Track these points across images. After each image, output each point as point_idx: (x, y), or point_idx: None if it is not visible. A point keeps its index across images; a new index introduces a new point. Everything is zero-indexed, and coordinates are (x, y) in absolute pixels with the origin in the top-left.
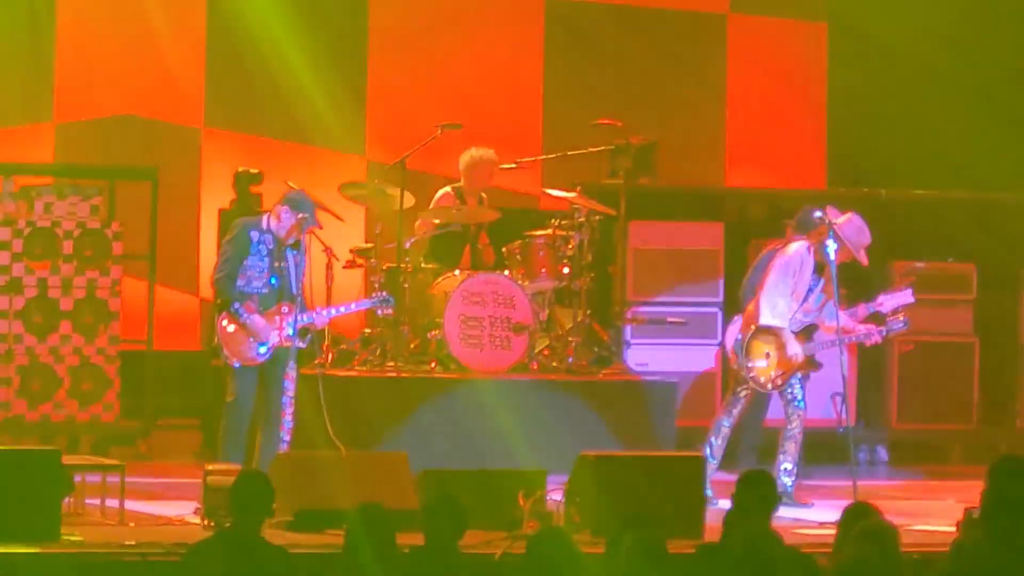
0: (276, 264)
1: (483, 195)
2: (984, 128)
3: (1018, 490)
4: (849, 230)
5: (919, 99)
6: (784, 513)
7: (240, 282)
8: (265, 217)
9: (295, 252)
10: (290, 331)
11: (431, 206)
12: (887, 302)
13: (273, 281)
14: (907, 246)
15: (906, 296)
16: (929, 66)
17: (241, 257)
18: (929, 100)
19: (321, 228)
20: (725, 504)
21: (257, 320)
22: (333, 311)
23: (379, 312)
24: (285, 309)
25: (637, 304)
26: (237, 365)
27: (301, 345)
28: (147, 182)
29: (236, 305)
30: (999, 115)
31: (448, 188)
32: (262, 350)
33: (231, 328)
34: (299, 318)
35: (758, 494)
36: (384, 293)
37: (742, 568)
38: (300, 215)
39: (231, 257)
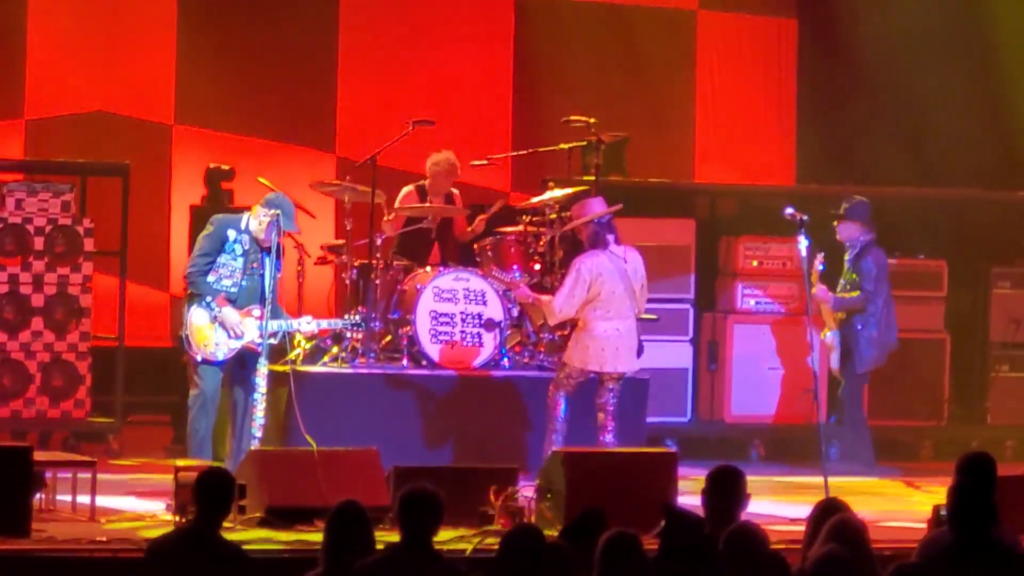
0: (250, 265)
1: (454, 191)
2: (954, 125)
3: (986, 487)
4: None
5: (889, 95)
6: None
7: (211, 278)
8: (245, 217)
9: (270, 256)
10: (258, 337)
11: (396, 205)
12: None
13: (244, 283)
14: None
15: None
16: (898, 62)
17: (215, 253)
18: (899, 96)
19: (300, 233)
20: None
21: (229, 314)
22: (305, 325)
23: (347, 334)
24: (257, 312)
25: None
26: (202, 360)
27: (272, 341)
28: (118, 178)
29: (207, 299)
30: (970, 112)
31: (411, 187)
32: (233, 345)
33: (200, 322)
34: (269, 324)
35: (730, 489)
36: (357, 316)
37: (718, 563)
38: (272, 211)
39: (206, 252)
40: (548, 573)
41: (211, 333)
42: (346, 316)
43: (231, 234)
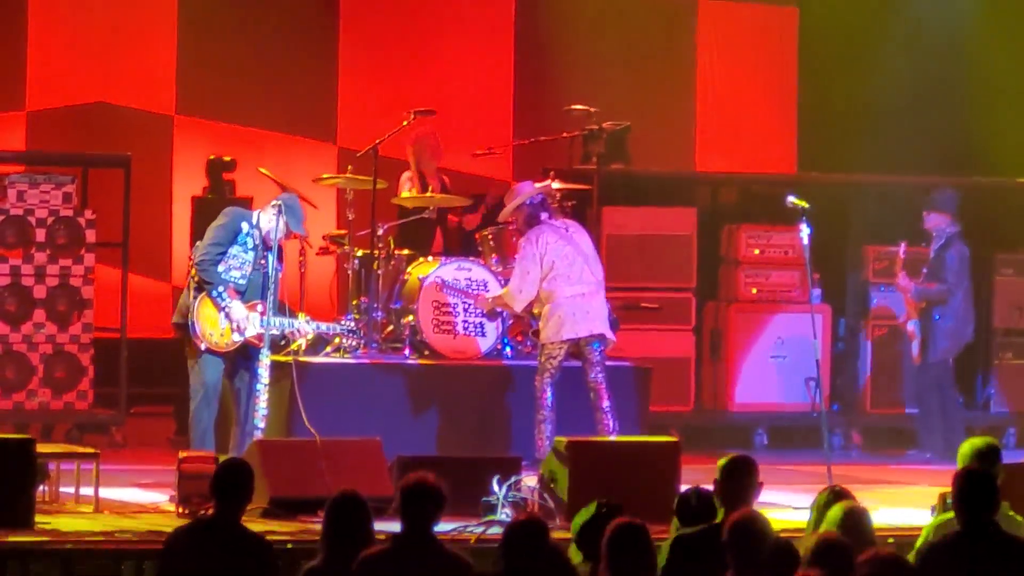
0: (258, 261)
1: (445, 178)
2: (955, 112)
3: (991, 473)
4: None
5: (889, 83)
6: None
7: (220, 268)
8: (256, 212)
9: (273, 253)
10: (260, 330)
11: (400, 192)
12: None
13: (252, 276)
14: (880, 231)
15: None
16: (899, 49)
17: (227, 244)
18: (899, 84)
19: (307, 236)
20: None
21: (237, 307)
22: (304, 325)
23: (344, 341)
24: (260, 308)
25: (610, 289)
26: (205, 348)
27: (274, 332)
28: (119, 169)
29: (219, 289)
30: (970, 99)
31: (410, 172)
32: (237, 337)
33: (208, 311)
34: (271, 322)
35: (741, 478)
36: (352, 323)
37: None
38: (282, 218)
39: (219, 242)
40: (550, 564)
41: (218, 323)
42: (343, 321)
43: (244, 227)
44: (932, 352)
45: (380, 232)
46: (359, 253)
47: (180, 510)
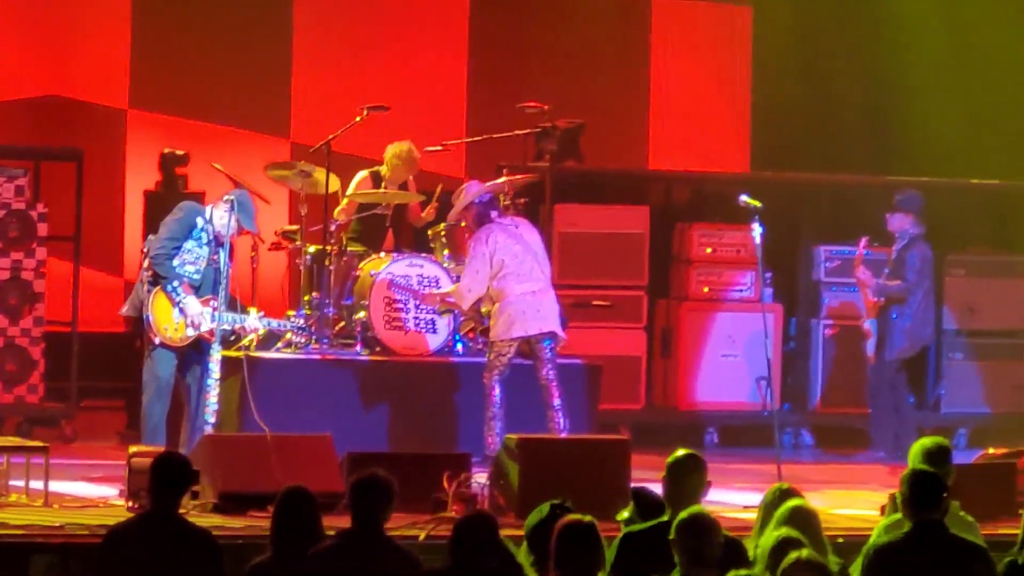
0: (211, 256)
1: (409, 179)
2: (907, 112)
3: (938, 474)
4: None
5: (842, 83)
6: None
7: (175, 263)
8: (209, 207)
9: (224, 249)
10: (213, 325)
11: (351, 190)
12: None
13: (206, 271)
14: (830, 231)
15: None
16: (853, 50)
17: (183, 239)
18: (852, 83)
19: (258, 233)
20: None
21: (192, 303)
22: (254, 321)
23: (293, 338)
24: (213, 304)
25: (562, 287)
26: (159, 342)
27: (225, 327)
28: (72, 163)
29: (173, 284)
30: (922, 99)
31: (365, 172)
32: (191, 332)
33: (162, 305)
34: (223, 317)
35: (689, 477)
36: (301, 320)
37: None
38: (234, 215)
39: (175, 236)
40: (499, 560)
41: (172, 317)
42: (293, 318)
43: (199, 222)
44: (888, 351)
45: (332, 228)
46: (311, 249)
47: (129, 504)
